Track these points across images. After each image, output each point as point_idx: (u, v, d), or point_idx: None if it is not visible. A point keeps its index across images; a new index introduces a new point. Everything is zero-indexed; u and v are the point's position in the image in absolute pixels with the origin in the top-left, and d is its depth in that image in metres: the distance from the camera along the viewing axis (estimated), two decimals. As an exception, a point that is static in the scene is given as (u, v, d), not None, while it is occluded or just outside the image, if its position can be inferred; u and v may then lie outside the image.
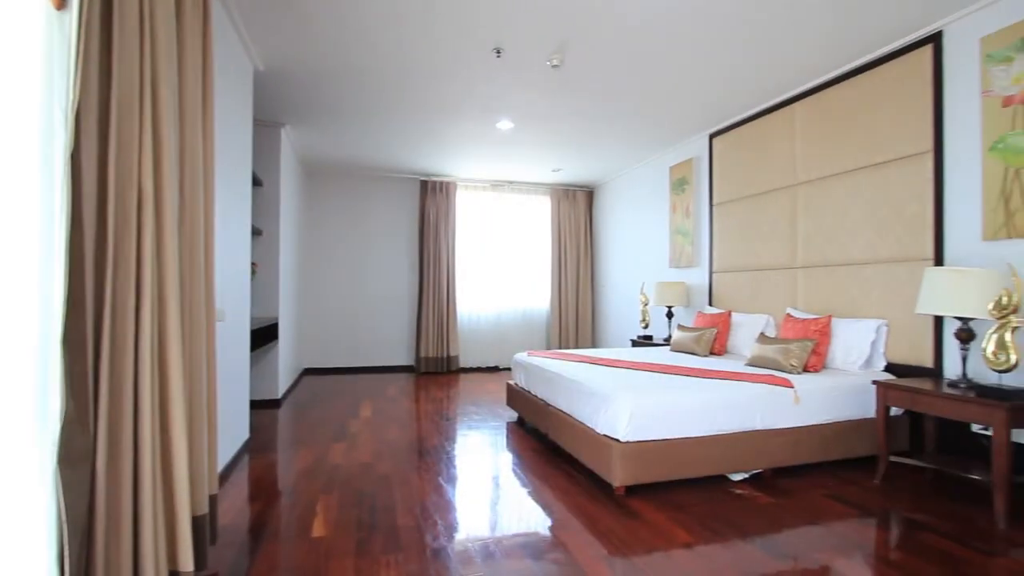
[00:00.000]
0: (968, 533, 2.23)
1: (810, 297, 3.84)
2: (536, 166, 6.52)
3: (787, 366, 3.19)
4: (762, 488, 2.74)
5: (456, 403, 4.94)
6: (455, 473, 2.99)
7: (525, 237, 7.51)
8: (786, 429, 2.86)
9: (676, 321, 5.54)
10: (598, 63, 3.59)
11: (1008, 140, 2.65)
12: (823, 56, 3.44)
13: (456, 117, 4.69)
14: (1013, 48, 2.64)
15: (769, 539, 2.17)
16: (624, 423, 2.56)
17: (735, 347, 4.22)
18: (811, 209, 3.86)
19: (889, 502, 2.57)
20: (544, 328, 7.63)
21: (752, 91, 4.05)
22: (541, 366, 3.66)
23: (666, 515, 2.39)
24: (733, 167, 4.69)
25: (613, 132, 5.14)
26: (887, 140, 3.30)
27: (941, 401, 2.50)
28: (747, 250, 4.50)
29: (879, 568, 1.95)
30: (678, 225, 5.55)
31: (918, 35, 3.12)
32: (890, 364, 3.23)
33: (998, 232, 2.70)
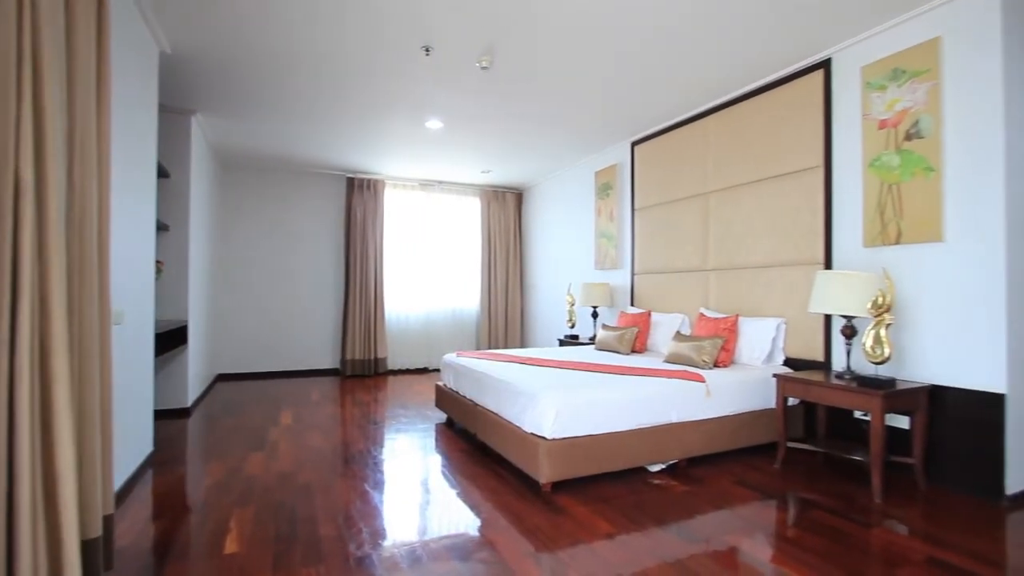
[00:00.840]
0: (851, 508, 2.49)
1: (720, 298, 4.13)
2: (466, 167, 6.52)
3: (700, 362, 3.41)
4: (678, 477, 2.90)
5: (384, 406, 4.83)
6: (382, 478, 2.92)
7: (455, 237, 7.49)
8: (699, 421, 3.05)
9: (601, 321, 5.74)
10: (527, 67, 3.65)
11: (883, 159, 3.00)
12: (732, 75, 3.71)
13: (385, 114, 4.59)
14: (887, 77, 2.99)
15: (684, 525, 2.31)
16: (550, 421, 2.62)
17: (654, 345, 4.45)
18: (721, 216, 4.14)
19: (787, 484, 2.82)
20: (474, 328, 7.64)
21: (669, 104, 4.29)
22: (470, 367, 3.67)
23: (590, 508, 2.48)
24: (653, 174, 4.94)
25: (541, 136, 5.25)
26: (786, 154, 3.62)
27: (829, 391, 2.78)
28: (665, 253, 4.76)
29: (778, 545, 2.14)
30: (603, 228, 5.76)
31: (811, 61, 3.45)
32: (788, 358, 3.54)
33: (875, 240, 3.04)
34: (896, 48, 2.97)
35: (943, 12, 2.77)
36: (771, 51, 3.36)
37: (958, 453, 2.70)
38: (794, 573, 1.90)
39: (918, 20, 2.88)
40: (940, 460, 2.77)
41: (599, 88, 4.00)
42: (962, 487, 2.69)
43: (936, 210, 2.76)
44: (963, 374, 2.69)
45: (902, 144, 2.91)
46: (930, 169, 2.78)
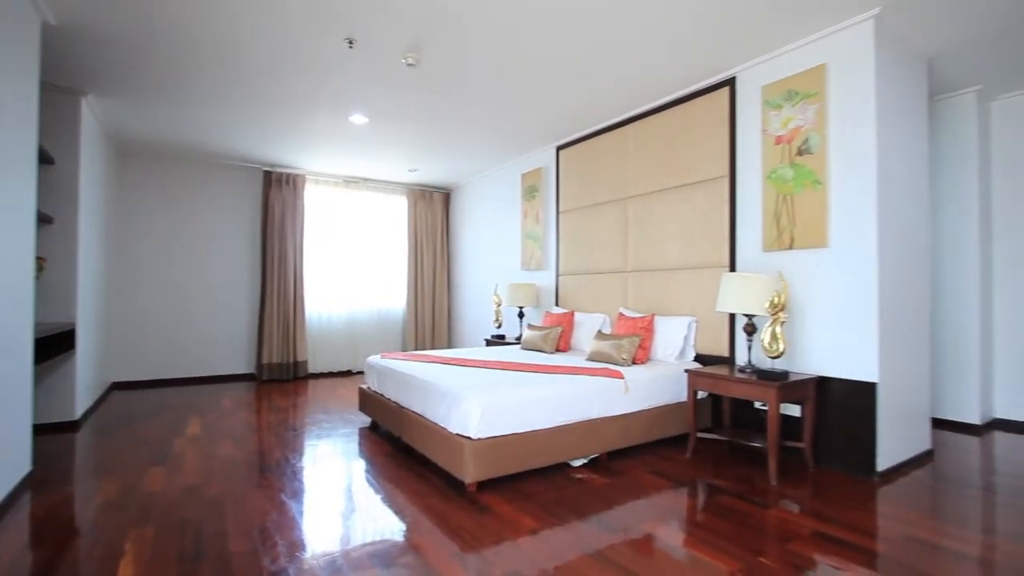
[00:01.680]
0: (751, 491, 2.72)
1: (638, 298, 4.34)
2: (392, 164, 6.39)
3: (619, 360, 3.57)
4: (598, 471, 3.03)
5: (304, 412, 4.62)
6: (301, 487, 2.80)
7: (381, 236, 7.31)
8: (618, 416, 3.20)
9: (527, 321, 5.85)
10: (454, 67, 3.64)
11: (779, 171, 3.30)
12: (650, 87, 3.92)
13: (305, 106, 4.40)
14: (783, 97, 3.29)
15: (604, 516, 2.41)
16: (475, 421, 2.64)
17: (578, 344, 4.60)
18: (639, 220, 4.36)
19: (697, 472, 3.02)
20: (400, 329, 7.50)
21: (593, 111, 4.45)
22: (395, 368, 3.60)
23: (515, 506, 2.53)
24: (577, 178, 5.11)
25: (470, 136, 5.26)
26: (697, 164, 3.88)
27: (732, 384, 3.01)
28: (588, 255, 4.94)
29: (689, 529, 2.29)
30: (529, 230, 5.86)
31: (718, 78, 3.72)
32: (699, 355, 3.80)
33: (773, 245, 3.34)
34: (790, 71, 3.27)
35: (828, 42, 3.10)
36: (684, 67, 3.58)
37: (839, 436, 3.03)
38: (703, 555, 2.05)
39: (808, 48, 3.19)
40: (825, 443, 3.09)
41: (526, 92, 4.07)
42: (843, 466, 3.02)
43: (822, 219, 3.08)
44: (844, 366, 3.02)
45: (795, 159, 3.22)
46: (817, 182, 3.10)
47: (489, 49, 3.38)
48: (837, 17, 2.95)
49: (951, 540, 2.19)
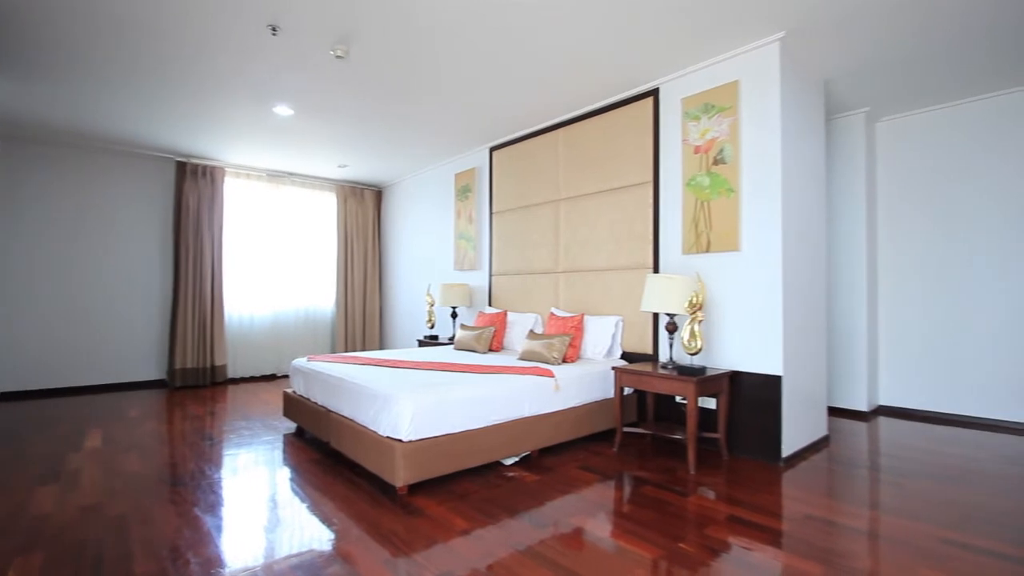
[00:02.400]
0: (672, 481, 2.88)
1: (569, 298, 4.46)
2: (321, 160, 6.15)
3: (550, 358, 3.65)
4: (530, 468, 3.08)
5: (222, 419, 4.35)
6: (218, 500, 2.64)
7: (308, 234, 7.01)
8: (549, 413, 3.27)
9: (460, 321, 5.84)
10: (387, 63, 3.57)
11: (697, 179, 3.52)
12: (581, 92, 4.04)
13: (224, 94, 4.14)
14: (700, 110, 3.50)
15: (535, 513, 2.46)
16: (407, 423, 2.61)
17: (510, 343, 4.65)
18: (570, 222, 4.49)
19: (623, 465, 3.15)
20: (329, 330, 7.24)
21: (525, 113, 4.52)
22: (323, 371, 3.48)
23: (447, 507, 2.52)
24: (509, 180, 5.16)
25: (401, 134, 5.17)
26: (624, 169, 4.04)
27: (655, 380, 3.17)
28: (520, 256, 5.01)
29: (615, 521, 2.39)
30: (462, 230, 5.85)
31: (643, 88, 3.90)
32: (625, 352, 3.96)
33: (691, 248, 3.55)
34: (708, 86, 3.49)
35: (740, 60, 3.34)
36: (611, 76, 3.72)
37: (750, 426, 3.28)
38: (629, 545, 2.15)
39: (723, 64, 3.42)
40: (737, 433, 3.33)
41: (458, 92, 4.06)
42: (753, 454, 3.26)
43: (735, 224, 3.31)
44: (753, 361, 3.27)
45: (711, 168, 3.44)
46: (731, 190, 3.33)
47: (419, 47, 3.34)
48: (748, 38, 3.18)
49: (844, 516, 2.43)
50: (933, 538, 2.20)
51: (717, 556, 2.05)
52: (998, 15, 2.90)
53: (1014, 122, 3.96)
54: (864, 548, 2.12)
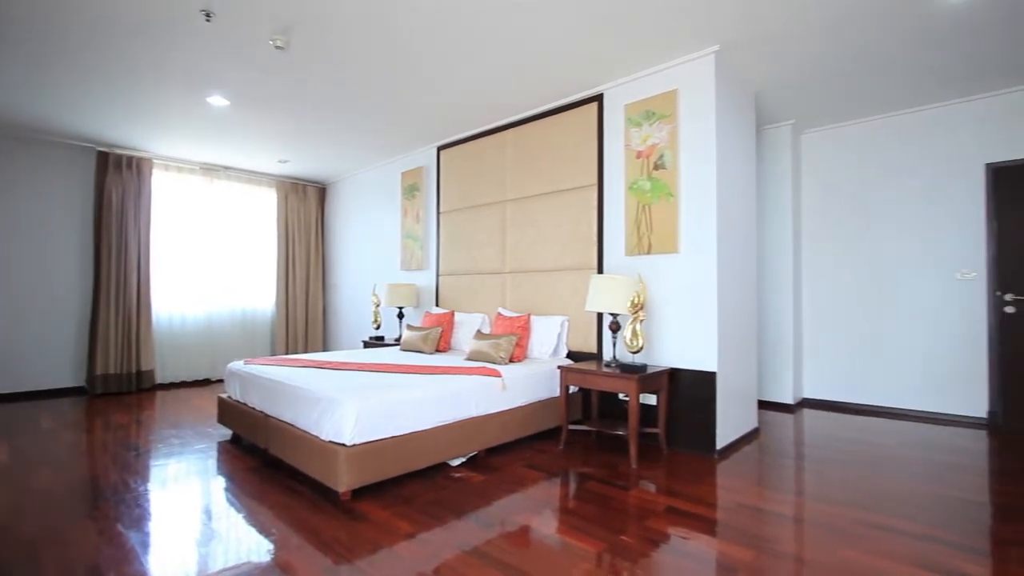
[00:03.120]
0: (615, 476, 2.97)
1: (516, 298, 4.50)
2: (260, 154, 5.89)
3: (497, 358, 3.67)
4: (477, 468, 3.09)
5: (149, 428, 4.08)
6: (144, 515, 2.48)
7: (247, 231, 6.70)
8: (496, 413, 3.29)
9: (406, 321, 5.76)
10: (329, 56, 3.47)
11: (639, 183, 3.64)
12: (527, 96, 4.08)
13: (152, 80, 3.88)
14: (642, 117, 3.63)
15: (482, 513, 2.47)
16: (350, 426, 2.55)
17: (458, 343, 4.64)
18: (517, 223, 4.52)
19: (568, 462, 3.22)
20: (268, 332, 6.94)
21: (472, 114, 4.52)
22: (261, 375, 3.34)
23: (392, 511, 2.48)
24: (457, 179, 5.14)
25: (346, 130, 5.04)
26: (569, 172, 4.12)
27: (599, 378, 3.26)
28: (468, 256, 5.00)
29: (561, 517, 2.43)
30: (409, 229, 5.77)
31: (588, 94, 3.99)
32: (571, 351, 4.04)
33: (634, 250, 3.67)
34: (649, 93, 3.62)
35: (679, 70, 3.48)
36: (558, 80, 3.79)
37: (687, 421, 3.43)
38: (573, 540, 2.19)
39: (664, 74, 3.55)
40: (676, 428, 3.47)
41: (404, 90, 4.01)
42: (691, 447, 3.41)
43: (674, 227, 3.45)
44: (691, 358, 3.41)
45: (652, 173, 3.56)
46: (670, 195, 3.47)
47: (363, 42, 3.27)
48: (686, 50, 3.32)
49: (772, 503, 2.59)
50: (850, 520, 2.38)
51: (657, 547, 2.13)
52: (909, 42, 3.17)
53: (926, 136, 4.34)
54: (790, 533, 2.27)
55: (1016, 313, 3.95)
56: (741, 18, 2.96)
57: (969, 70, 3.62)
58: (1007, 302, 3.98)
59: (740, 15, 2.93)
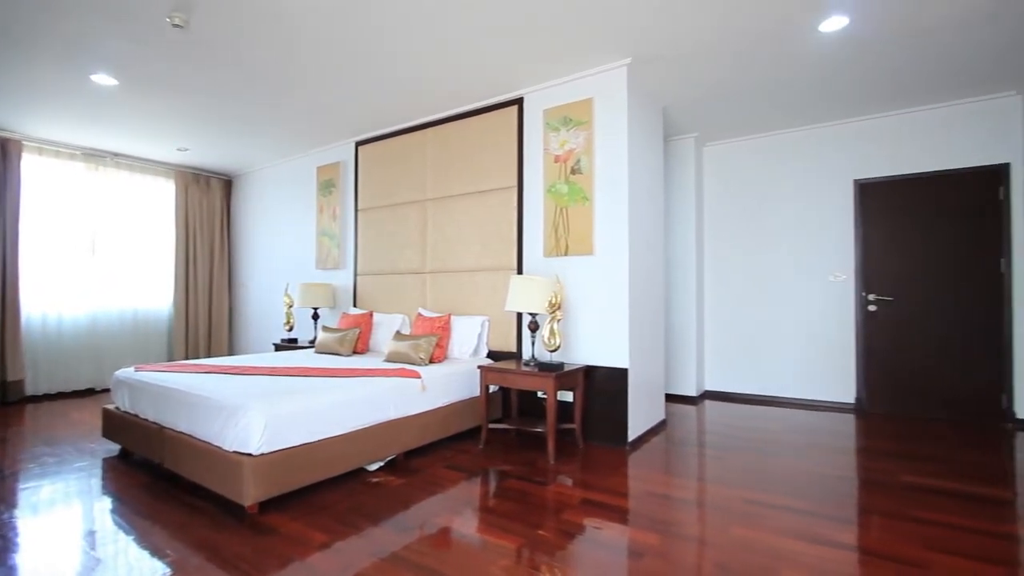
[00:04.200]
0: (534, 472, 3.04)
1: (436, 298, 4.47)
2: (155, 140, 5.38)
3: (417, 359, 3.63)
4: (395, 472, 3.04)
5: (17, 447, 3.60)
6: (9, 545, 2.19)
7: (139, 224, 6.10)
8: (416, 415, 3.25)
9: (322, 323, 5.53)
10: (236, 40, 3.25)
11: (557, 187, 3.75)
12: (448, 95, 4.06)
13: (22, 51, 3.43)
14: (560, 122, 3.74)
15: (400, 518, 2.43)
16: (258, 435, 2.41)
17: (376, 345, 4.52)
18: (437, 223, 4.49)
19: (488, 461, 3.25)
20: (165, 335, 6.37)
21: (392, 110, 4.42)
22: (154, 382, 3.06)
23: (304, 521, 2.38)
24: (377, 177, 5.01)
25: (256, 120, 4.74)
26: (490, 173, 4.16)
27: (518, 377, 3.32)
28: (387, 255, 4.89)
29: (480, 516, 2.45)
30: (325, 227, 5.54)
31: (509, 96, 4.05)
32: (491, 351, 4.08)
33: (552, 251, 3.78)
34: (567, 100, 3.74)
35: (595, 79, 3.63)
36: (479, 81, 3.81)
37: (602, 416, 3.58)
38: (493, 538, 2.22)
39: (581, 81, 3.69)
40: (592, 422, 3.62)
41: (319, 81, 3.85)
42: (605, 441, 3.57)
43: (589, 230, 3.60)
44: (605, 355, 3.58)
45: (569, 177, 3.69)
46: (586, 198, 3.61)
47: (273, 28, 3.10)
48: (601, 61, 3.47)
49: (677, 490, 2.77)
50: (743, 501, 2.61)
51: (572, 538, 2.22)
52: (794, 68, 3.53)
53: (807, 153, 4.84)
54: (692, 516, 2.45)
55: (877, 311, 4.52)
56: (649, 36, 3.14)
57: (841, 96, 4.09)
58: (870, 301, 4.55)
59: (648, 33, 3.11)
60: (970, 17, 2.95)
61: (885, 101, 4.20)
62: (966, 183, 4.22)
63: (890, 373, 4.47)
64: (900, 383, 4.44)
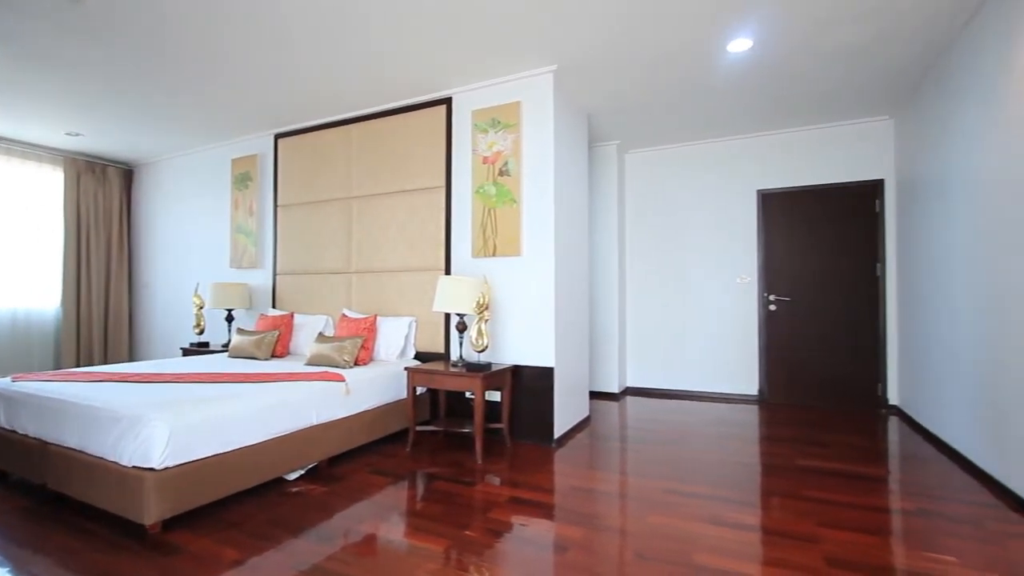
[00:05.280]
0: (461, 473, 3.04)
1: (362, 299, 4.35)
2: (39, 123, 4.82)
3: (341, 362, 3.51)
4: (317, 480, 2.92)
5: None
6: None
7: (18, 216, 5.41)
8: (339, 420, 3.14)
9: (237, 325, 5.20)
10: (140, 17, 2.98)
11: (485, 188, 3.78)
12: (375, 91, 3.96)
13: None
14: (488, 124, 3.77)
15: (322, 527, 2.34)
16: (160, 448, 2.23)
17: (297, 348, 4.32)
18: (363, 221, 4.37)
19: (415, 464, 3.21)
20: (52, 340, 5.70)
21: (316, 103, 4.24)
22: (35, 393, 2.74)
23: (216, 538, 2.23)
24: (298, 172, 4.79)
25: (160, 105, 4.37)
26: (418, 172, 4.11)
27: (446, 378, 3.31)
28: (310, 254, 4.69)
29: (408, 520, 2.42)
30: (241, 223, 5.22)
31: (438, 95, 4.02)
32: (419, 352, 4.03)
33: (480, 252, 3.80)
34: (495, 102, 3.77)
35: (522, 83, 3.69)
36: (407, 79, 3.75)
37: (529, 414, 3.65)
38: (419, 542, 2.19)
39: (509, 85, 3.74)
40: (519, 422, 3.68)
41: (236, 67, 3.62)
42: (532, 439, 3.64)
43: (517, 232, 3.65)
44: (531, 355, 3.64)
45: (497, 178, 3.72)
46: (514, 200, 3.66)
47: (182, 7, 2.88)
48: (529, 64, 3.54)
49: (599, 483, 2.88)
50: (659, 490, 2.76)
51: (500, 537, 2.24)
52: (705, 85, 3.77)
53: (719, 164, 5.19)
54: (614, 508, 2.56)
55: (776, 311, 4.95)
56: (572, 45, 3.24)
57: (748, 112, 4.43)
58: (771, 301, 4.97)
59: (571, 42, 3.20)
60: (850, 50, 3.30)
61: (784, 119, 4.60)
62: (850, 196, 4.73)
63: (787, 366, 4.91)
64: (795, 375, 4.88)
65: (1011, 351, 2.57)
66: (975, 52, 2.92)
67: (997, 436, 2.74)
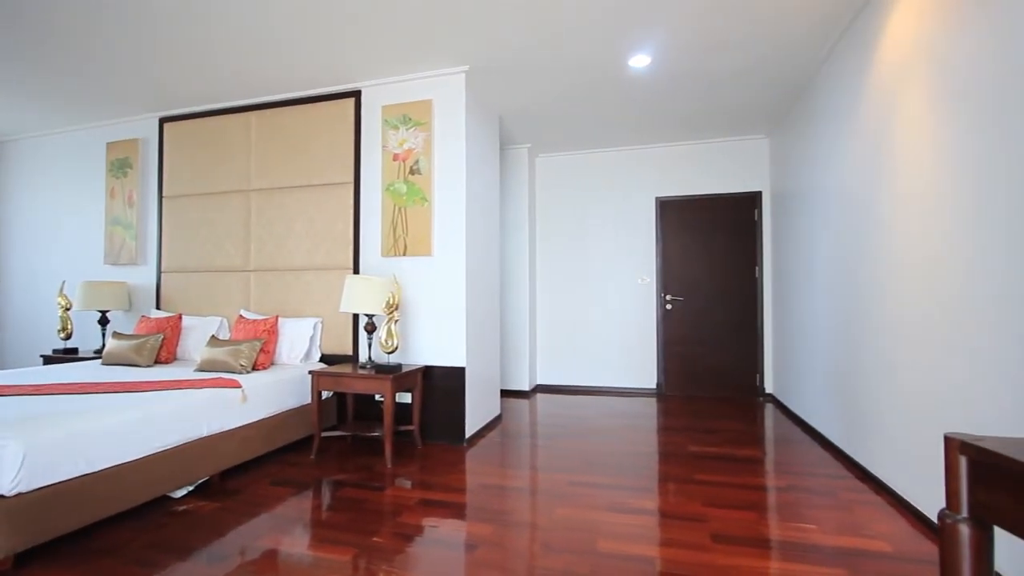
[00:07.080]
0: (371, 478, 2.96)
1: (261, 299, 4.08)
2: None
3: (237, 367, 3.27)
4: (209, 496, 2.70)
5: None
6: None
7: None
8: (234, 429, 2.93)
9: (113, 328, 4.66)
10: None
11: (395, 186, 3.70)
12: (277, 78, 3.73)
13: None
14: (399, 120, 3.70)
15: (215, 547, 2.17)
16: (12, 471, 1.94)
17: (187, 352, 3.96)
18: (264, 217, 4.10)
19: (321, 472, 3.07)
20: None
21: (212, 85, 3.91)
22: None
23: (83, 569, 1.99)
24: (188, 160, 4.38)
25: (16, 72, 3.79)
26: (325, 167, 3.93)
27: (354, 380, 3.20)
28: (202, 250, 4.31)
29: (312, 531, 2.31)
30: (118, 215, 4.68)
31: (346, 88, 3.88)
32: (325, 355, 3.86)
33: (390, 251, 3.72)
34: (406, 99, 3.71)
35: (435, 81, 3.66)
36: (312, 67, 3.57)
37: (440, 415, 3.63)
38: (325, 553, 2.10)
39: (420, 82, 3.69)
40: (430, 423, 3.65)
41: (114, 40, 3.24)
42: (444, 439, 3.62)
43: (428, 231, 3.62)
44: (443, 355, 3.63)
45: (408, 176, 3.67)
46: (425, 199, 3.62)
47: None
48: (441, 63, 3.52)
49: (509, 480, 2.94)
50: (566, 483, 2.88)
51: (410, 541, 2.21)
52: (610, 96, 3.98)
53: (623, 171, 5.49)
54: (523, 503, 2.62)
55: (672, 309, 5.34)
56: (483, 47, 3.27)
57: (648, 124, 4.73)
58: (668, 301, 5.36)
59: (482, 44, 3.24)
60: (731, 74, 3.64)
61: (680, 131, 4.97)
62: (735, 205, 5.22)
63: (681, 361, 5.31)
64: (687, 369, 5.30)
65: (856, 344, 2.99)
66: (835, 79, 3.35)
67: (846, 418, 3.17)
